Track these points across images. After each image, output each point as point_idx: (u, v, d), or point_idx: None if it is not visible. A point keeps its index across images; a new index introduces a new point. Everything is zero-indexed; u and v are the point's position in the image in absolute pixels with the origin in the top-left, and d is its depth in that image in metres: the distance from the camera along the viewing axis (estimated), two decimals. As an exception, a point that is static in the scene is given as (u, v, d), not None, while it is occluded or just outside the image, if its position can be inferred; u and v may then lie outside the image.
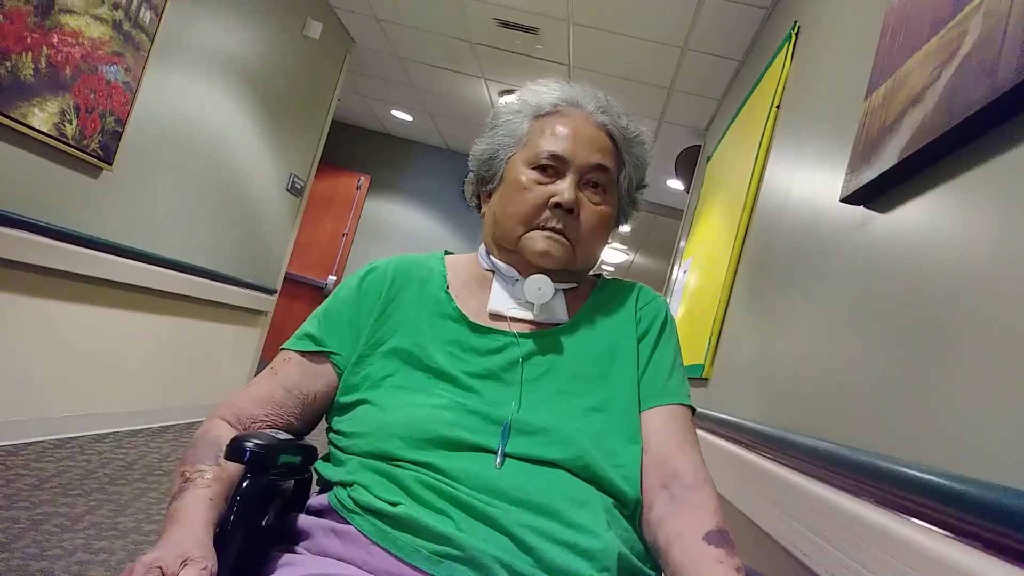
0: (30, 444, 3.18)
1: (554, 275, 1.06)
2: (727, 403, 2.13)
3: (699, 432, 1.95)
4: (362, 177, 7.57)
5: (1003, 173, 0.92)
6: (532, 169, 1.05)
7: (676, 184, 6.09)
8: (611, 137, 1.08)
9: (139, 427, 4.03)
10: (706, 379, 2.52)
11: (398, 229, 7.62)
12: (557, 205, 1.02)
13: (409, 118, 7.08)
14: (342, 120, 7.54)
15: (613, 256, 10.97)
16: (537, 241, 1.03)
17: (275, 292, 5.35)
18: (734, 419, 1.75)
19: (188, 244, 4.14)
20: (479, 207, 1.17)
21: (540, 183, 1.04)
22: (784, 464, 1.27)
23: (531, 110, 1.09)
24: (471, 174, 1.17)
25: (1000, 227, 0.89)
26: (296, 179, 5.29)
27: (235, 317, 4.91)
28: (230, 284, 4.63)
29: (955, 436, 0.85)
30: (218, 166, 4.27)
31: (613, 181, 1.09)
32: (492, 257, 1.11)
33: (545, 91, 1.11)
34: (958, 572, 0.69)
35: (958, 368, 0.89)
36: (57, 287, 3.21)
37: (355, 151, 7.75)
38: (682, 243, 4.69)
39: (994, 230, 0.90)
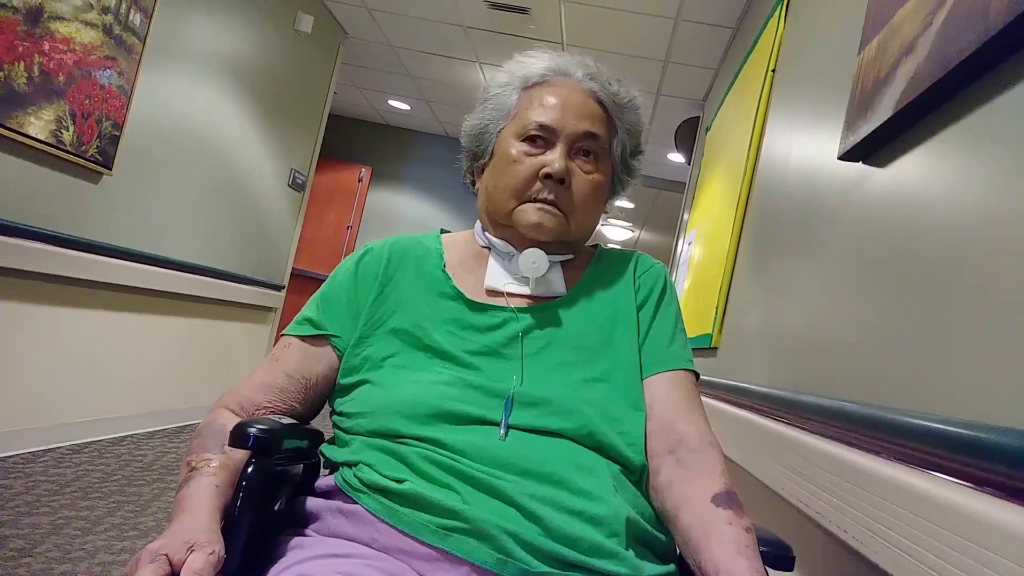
0: (48, 450, 3.21)
1: (549, 247, 1.05)
2: (736, 370, 2.13)
3: (710, 400, 1.95)
4: (363, 169, 7.56)
5: (999, 118, 0.91)
6: (521, 141, 1.04)
7: (677, 157, 6.05)
8: (601, 104, 1.07)
9: (156, 428, 4.06)
10: (715, 348, 2.51)
11: (403, 219, 7.62)
12: (548, 176, 1.01)
13: (407, 107, 7.06)
14: (340, 113, 7.53)
15: (618, 233, 10.93)
16: (529, 213, 1.02)
17: (283, 288, 5.36)
18: (743, 385, 1.74)
19: (193, 244, 4.15)
20: (473, 184, 1.16)
21: (530, 155, 1.03)
22: (793, 425, 1.27)
23: (519, 82, 1.08)
24: (464, 151, 1.16)
25: (999, 172, 0.88)
26: (297, 174, 5.29)
27: (245, 315, 4.92)
28: (237, 282, 4.64)
29: (963, 383, 0.85)
30: (218, 165, 4.27)
31: (605, 149, 1.07)
32: (487, 233, 1.10)
33: (533, 62, 1.09)
34: (974, 520, 0.68)
35: (961, 316, 0.88)
36: (66, 294, 3.23)
37: (355, 143, 7.74)
38: (686, 216, 4.67)
39: (993, 176, 0.89)
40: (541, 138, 1.04)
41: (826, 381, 1.32)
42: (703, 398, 2.01)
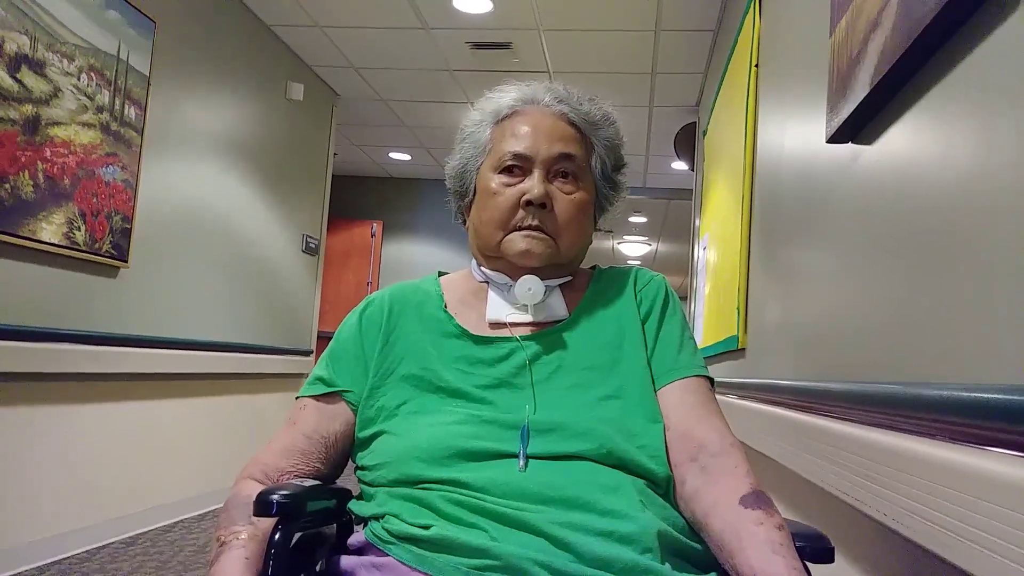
0: (102, 547, 3.23)
1: (543, 272, 1.05)
2: (765, 368, 2.11)
3: (744, 402, 1.93)
4: (375, 224, 7.64)
5: (970, 77, 0.90)
6: (499, 173, 1.06)
7: (680, 165, 6.05)
8: (573, 124, 1.08)
9: (206, 510, 4.08)
10: (743, 349, 2.49)
11: (419, 266, 7.67)
12: (529, 203, 1.02)
13: (408, 157, 7.15)
14: (343, 172, 7.63)
15: (636, 249, 10.92)
16: (516, 242, 1.03)
17: (310, 353, 5.40)
18: (771, 381, 1.72)
19: (216, 323, 4.20)
20: (464, 223, 1.17)
21: (509, 185, 1.04)
22: (821, 413, 1.25)
23: (491, 117, 1.10)
24: (450, 193, 1.18)
25: (979, 130, 0.87)
26: (309, 239, 5.36)
27: (276, 385, 4.96)
28: (265, 354, 4.69)
29: (982, 347, 0.83)
30: (230, 241, 4.34)
31: (584, 167, 1.08)
32: (482, 268, 1.11)
33: (502, 96, 1.11)
34: (1014, 485, 0.67)
35: (969, 281, 0.87)
36: (98, 390, 3.28)
37: (362, 200, 7.83)
38: (697, 221, 4.66)
39: (974, 135, 0.89)
40: (518, 167, 1.05)
41: (848, 365, 1.31)
42: (737, 400, 2.00)
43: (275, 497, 0.85)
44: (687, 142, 5.27)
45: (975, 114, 0.89)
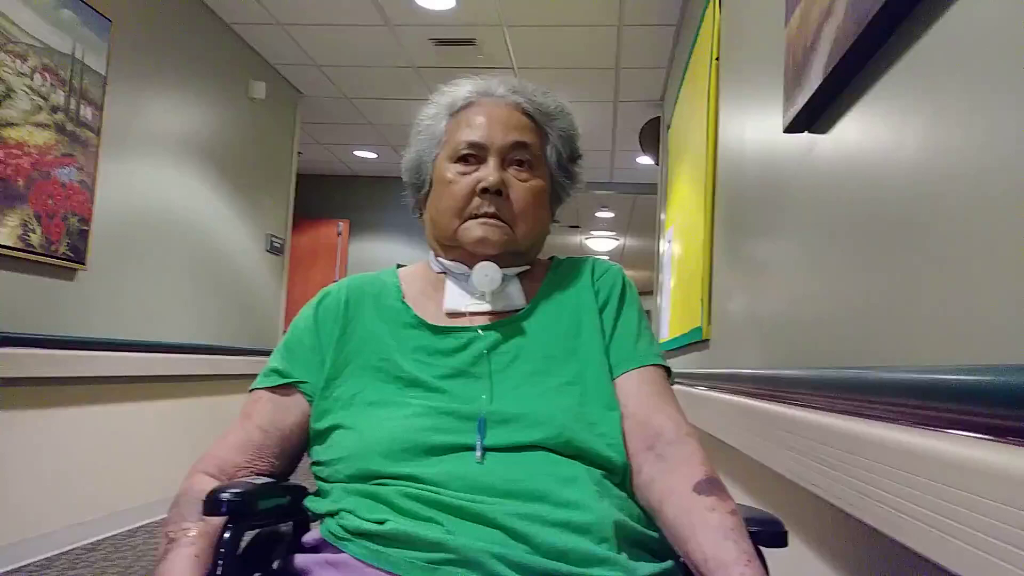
0: (63, 554, 3.17)
1: (501, 260, 1.05)
2: (729, 358, 2.12)
3: (707, 393, 1.94)
4: (341, 223, 7.59)
5: (921, 63, 0.91)
6: (455, 163, 1.06)
7: (646, 160, 6.08)
8: (527, 114, 1.08)
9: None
10: (707, 340, 2.50)
11: (386, 265, 7.52)
12: (484, 190, 1.02)
13: (374, 155, 7.10)
14: (308, 171, 7.55)
15: (603, 244, 10.96)
16: (473, 229, 1.03)
17: (277, 353, 5.34)
18: (734, 371, 1.73)
19: (179, 325, 4.14)
20: (421, 216, 1.16)
21: (465, 173, 1.05)
22: (781, 400, 1.26)
23: (446, 109, 1.10)
24: (407, 186, 1.17)
25: (930, 117, 0.88)
26: (274, 239, 5.30)
27: (241, 386, 4.87)
28: (229, 355, 4.63)
29: (937, 332, 0.84)
30: (193, 242, 4.28)
31: (539, 156, 1.08)
32: (440, 259, 1.10)
33: (457, 89, 1.12)
34: (960, 465, 0.67)
35: (923, 266, 0.88)
36: (59, 394, 3.21)
37: (328, 199, 7.77)
38: (662, 216, 4.68)
39: (925, 122, 0.89)
40: (473, 156, 1.05)
41: (809, 353, 1.32)
42: (701, 391, 2.01)
43: (225, 496, 0.84)
44: (652, 137, 5.29)
45: (925, 101, 0.90)
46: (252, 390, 1.06)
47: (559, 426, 0.91)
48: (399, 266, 1.18)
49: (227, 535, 0.84)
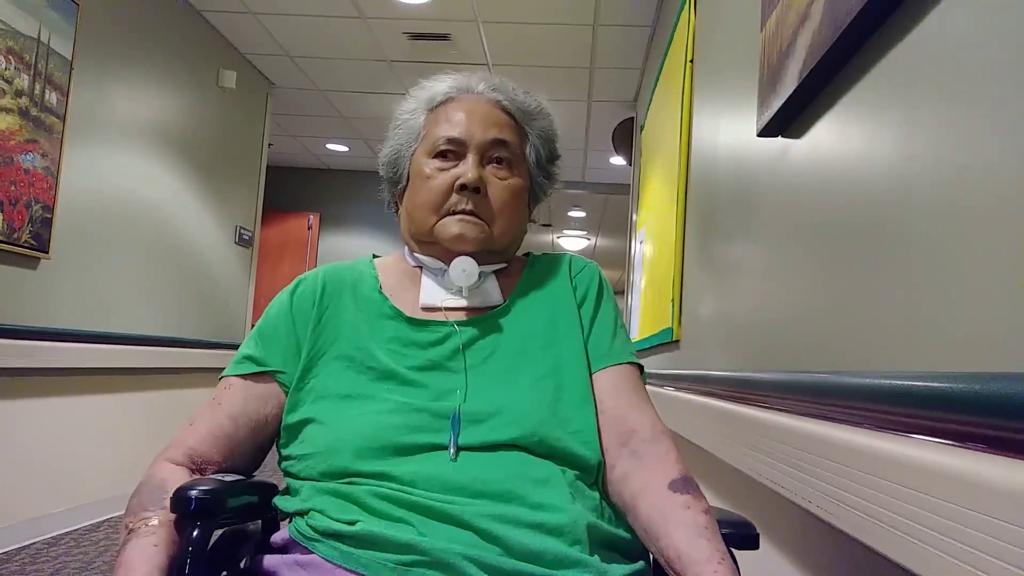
0: (23, 548, 3.11)
1: (478, 258, 1.04)
2: (699, 360, 2.13)
3: (677, 394, 1.95)
4: (311, 216, 7.52)
5: (895, 71, 0.92)
6: (433, 158, 1.04)
7: (619, 160, 6.10)
8: (508, 112, 1.07)
9: (132, 509, 3.95)
10: (677, 341, 2.52)
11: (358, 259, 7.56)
12: (463, 187, 1.01)
13: (345, 148, 7.05)
14: (279, 164, 7.47)
15: (575, 243, 10.98)
16: (450, 226, 1.02)
17: (244, 347, 5.29)
18: (704, 372, 1.74)
19: (144, 316, 4.08)
20: (397, 211, 1.15)
21: (443, 169, 1.03)
22: (751, 403, 1.27)
23: (425, 104, 1.09)
24: (384, 181, 1.16)
25: (903, 124, 0.89)
26: (243, 231, 5.24)
27: (207, 379, 4.83)
28: (194, 347, 4.57)
29: (904, 337, 0.85)
30: (159, 232, 4.22)
31: (518, 154, 1.07)
32: (415, 254, 1.09)
33: (436, 84, 1.10)
34: (929, 471, 0.68)
35: (892, 271, 0.89)
36: (19, 385, 3.14)
37: (299, 192, 7.69)
38: (634, 216, 4.70)
39: (898, 129, 0.90)
40: (452, 152, 1.03)
41: (779, 355, 1.33)
42: (670, 392, 2.02)
43: (193, 493, 0.82)
44: (625, 137, 5.31)
45: (898, 108, 0.91)
46: (223, 376, 1.03)
47: (533, 424, 0.91)
48: (375, 256, 1.16)
49: (196, 533, 0.82)
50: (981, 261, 0.70)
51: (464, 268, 1.02)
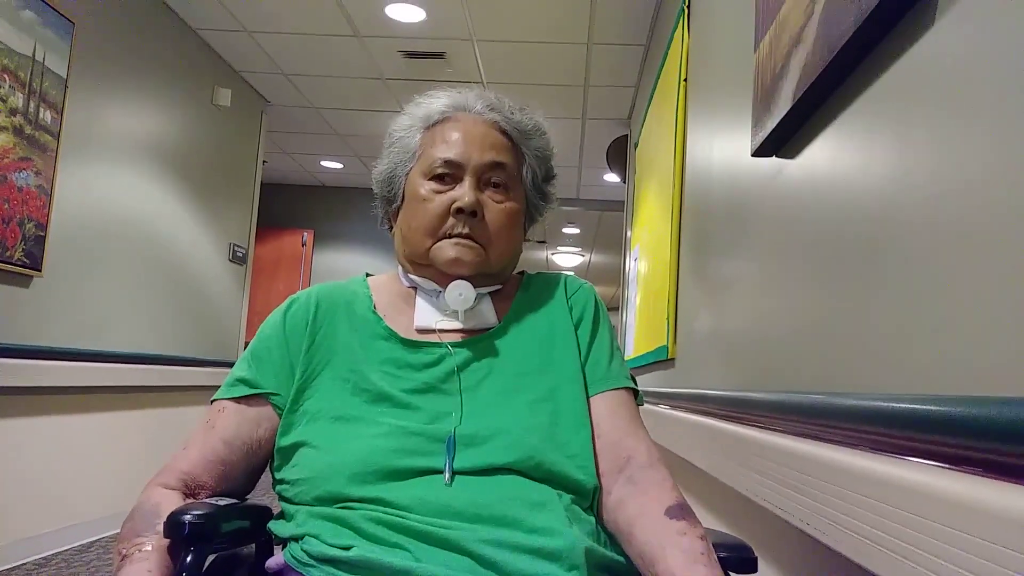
0: (13, 569, 3.07)
1: (474, 280, 1.03)
2: (694, 378, 2.13)
3: (672, 412, 1.95)
4: (305, 233, 7.52)
5: (887, 94, 0.93)
6: (429, 180, 1.03)
7: (613, 177, 6.12)
8: (504, 133, 1.06)
9: (124, 529, 3.91)
10: (672, 359, 2.51)
11: (352, 276, 7.55)
12: (459, 210, 1.00)
13: (339, 165, 7.05)
14: (273, 181, 7.48)
15: (569, 260, 11.00)
16: (446, 250, 1.01)
17: (238, 364, 5.27)
18: (700, 391, 1.74)
19: (138, 334, 4.06)
20: (391, 229, 1.15)
21: (439, 192, 1.02)
22: (748, 423, 1.26)
23: (420, 122, 1.08)
24: (377, 198, 1.15)
25: (895, 146, 0.89)
26: (237, 248, 5.23)
27: (201, 397, 4.81)
28: (189, 365, 4.54)
29: (900, 357, 0.85)
30: (153, 250, 4.20)
31: (515, 177, 1.07)
32: (410, 275, 1.09)
33: (432, 101, 1.09)
34: (930, 495, 0.67)
35: (886, 291, 0.89)
36: (10, 404, 3.12)
37: (293, 209, 7.69)
38: (628, 233, 4.71)
39: (890, 150, 0.91)
40: (448, 174, 1.03)
41: (774, 375, 1.33)
42: (666, 410, 2.02)
43: (187, 518, 0.81)
44: (619, 154, 5.33)
45: (892, 129, 0.91)
46: (215, 400, 1.02)
47: (530, 448, 0.90)
48: (368, 275, 1.15)
49: (189, 558, 0.81)
50: (976, 280, 0.70)
51: (461, 292, 1.01)
